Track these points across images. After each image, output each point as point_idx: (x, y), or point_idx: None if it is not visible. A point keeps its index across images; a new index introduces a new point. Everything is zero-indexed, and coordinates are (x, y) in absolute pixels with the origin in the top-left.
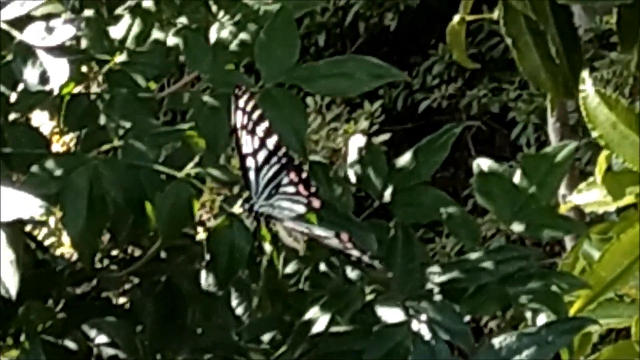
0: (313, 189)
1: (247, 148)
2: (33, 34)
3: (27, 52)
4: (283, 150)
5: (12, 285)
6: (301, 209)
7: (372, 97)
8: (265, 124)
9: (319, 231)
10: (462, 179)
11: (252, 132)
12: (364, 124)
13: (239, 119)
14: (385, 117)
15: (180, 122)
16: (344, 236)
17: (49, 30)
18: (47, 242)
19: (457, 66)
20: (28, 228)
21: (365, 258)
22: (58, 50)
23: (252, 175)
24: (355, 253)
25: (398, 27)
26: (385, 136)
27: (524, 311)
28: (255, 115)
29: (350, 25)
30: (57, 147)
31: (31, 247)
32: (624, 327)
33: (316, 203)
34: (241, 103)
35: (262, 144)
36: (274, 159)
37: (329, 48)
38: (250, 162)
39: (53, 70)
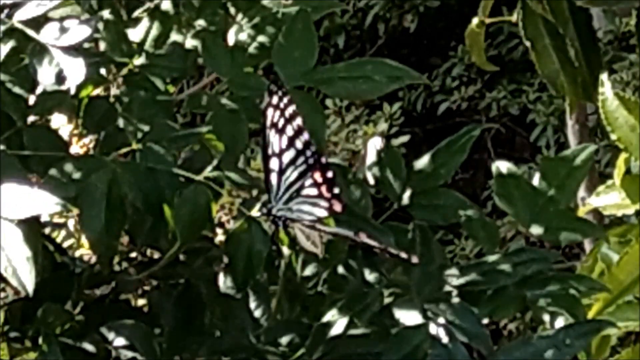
0: (337, 190)
1: (273, 148)
2: (49, 34)
3: (42, 52)
4: (312, 149)
5: (28, 281)
6: (322, 212)
7: (391, 99)
8: (297, 121)
9: (338, 230)
10: (482, 180)
11: (282, 131)
12: (383, 125)
13: (269, 115)
14: (404, 119)
15: (200, 124)
16: (362, 235)
17: (65, 30)
18: (66, 244)
19: (477, 68)
20: (47, 230)
21: (392, 249)
22: (74, 50)
23: (274, 177)
24: (377, 244)
25: (418, 29)
26: (404, 138)
27: (541, 314)
28: (288, 112)
29: (370, 26)
30: (76, 148)
31: (50, 249)
32: None
33: (337, 207)
34: (275, 99)
35: (291, 143)
36: (301, 159)
37: (348, 50)
38: (274, 164)
39: (69, 69)
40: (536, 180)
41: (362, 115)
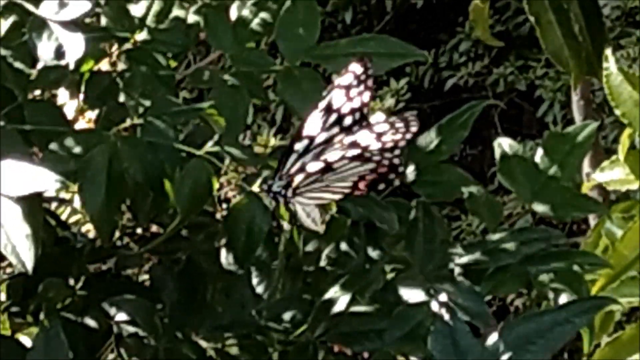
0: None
1: (310, 129)
2: (48, 8)
3: (42, 27)
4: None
5: (28, 259)
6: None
7: (398, 74)
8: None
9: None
10: (489, 157)
11: (342, 119)
12: (390, 101)
13: (335, 97)
14: (411, 95)
15: (206, 99)
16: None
17: (64, 4)
18: (72, 220)
19: (484, 44)
20: (53, 206)
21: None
22: (73, 25)
23: (292, 158)
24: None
25: (425, 5)
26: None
27: (545, 291)
28: (360, 101)
29: (378, 2)
30: (82, 124)
31: (51, 224)
32: None
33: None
34: (354, 82)
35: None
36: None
37: (355, 25)
38: (299, 145)
39: (68, 44)
40: (538, 157)
41: None
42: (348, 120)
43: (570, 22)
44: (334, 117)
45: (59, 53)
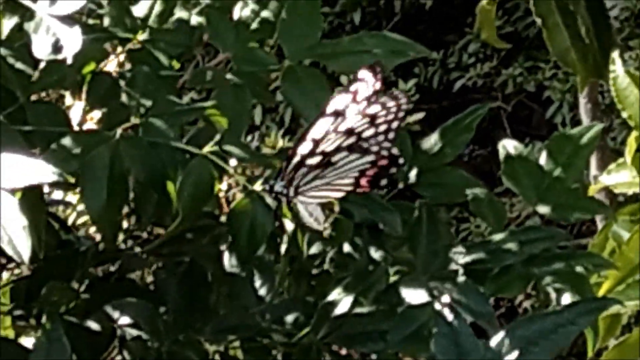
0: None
1: (316, 133)
2: (45, 4)
3: (39, 22)
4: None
5: (24, 250)
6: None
7: (407, 75)
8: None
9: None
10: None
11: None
12: None
13: (341, 102)
14: (420, 96)
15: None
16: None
17: None
18: (80, 221)
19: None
20: (60, 209)
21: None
22: (70, 19)
23: (295, 160)
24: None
25: (434, 5)
26: (419, 115)
27: (549, 292)
28: (388, 116)
29: (386, 3)
30: (90, 124)
31: (55, 227)
32: None
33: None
34: (361, 87)
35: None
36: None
37: (364, 26)
38: (303, 148)
39: (65, 38)
40: (543, 159)
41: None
42: (368, 133)
43: (577, 24)
44: (342, 122)
45: (57, 48)
